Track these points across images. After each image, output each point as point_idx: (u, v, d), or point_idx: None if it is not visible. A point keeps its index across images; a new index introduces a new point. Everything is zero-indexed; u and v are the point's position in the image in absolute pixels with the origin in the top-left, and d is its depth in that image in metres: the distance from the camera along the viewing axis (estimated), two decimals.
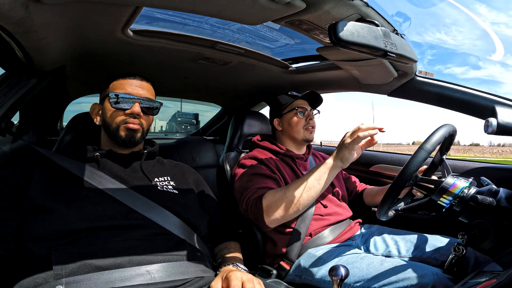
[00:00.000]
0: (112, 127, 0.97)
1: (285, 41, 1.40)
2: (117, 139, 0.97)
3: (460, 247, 0.95)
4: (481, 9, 77.74)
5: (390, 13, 1.08)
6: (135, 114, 0.97)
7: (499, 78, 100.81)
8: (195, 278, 0.82)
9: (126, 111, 0.97)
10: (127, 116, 0.97)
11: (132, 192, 0.90)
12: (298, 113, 1.37)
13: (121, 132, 0.97)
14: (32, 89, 1.03)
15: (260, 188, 1.14)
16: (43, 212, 0.78)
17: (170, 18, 1.12)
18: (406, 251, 1.17)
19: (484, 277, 0.72)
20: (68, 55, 1.06)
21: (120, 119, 0.97)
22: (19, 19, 0.67)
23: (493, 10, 78.06)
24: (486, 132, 0.96)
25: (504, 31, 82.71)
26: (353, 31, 0.74)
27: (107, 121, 0.98)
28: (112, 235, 0.80)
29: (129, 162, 0.99)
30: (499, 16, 79.19)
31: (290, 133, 1.39)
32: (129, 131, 0.97)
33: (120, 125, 0.97)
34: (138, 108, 0.97)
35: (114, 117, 0.97)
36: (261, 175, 1.20)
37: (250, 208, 1.11)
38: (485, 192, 0.90)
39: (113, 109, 0.97)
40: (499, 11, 78.80)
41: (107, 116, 0.98)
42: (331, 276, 0.73)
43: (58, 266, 0.72)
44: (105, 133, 1.01)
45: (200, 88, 1.78)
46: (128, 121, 0.97)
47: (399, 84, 1.37)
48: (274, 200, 1.05)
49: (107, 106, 0.98)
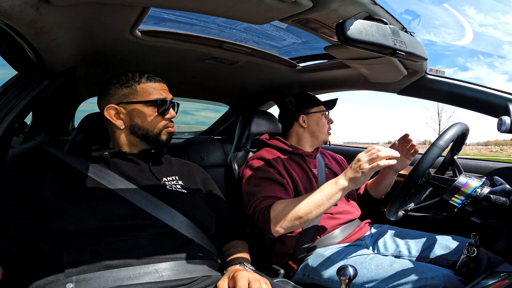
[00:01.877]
0: (153, 132, 1.00)
1: (292, 40, 1.39)
2: (158, 142, 1.01)
3: (472, 248, 0.93)
4: (469, 11, 74.89)
5: (399, 11, 1.06)
6: (172, 118, 1.03)
7: (485, 80, 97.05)
8: (202, 277, 0.82)
9: (166, 116, 1.01)
10: (167, 121, 1.02)
11: (142, 191, 0.91)
12: (325, 116, 1.41)
13: (163, 136, 1.01)
14: (44, 90, 1.05)
15: (267, 197, 1.12)
16: (55, 212, 0.80)
17: (177, 19, 1.13)
18: (416, 251, 1.15)
19: (496, 278, 0.71)
20: (79, 56, 1.08)
21: (162, 124, 1.01)
22: (30, 20, 0.69)
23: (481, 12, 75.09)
24: (499, 130, 0.94)
25: (492, 33, 79.25)
26: (361, 29, 0.73)
27: (144, 127, 0.99)
28: (121, 234, 0.81)
29: (138, 162, 1.00)
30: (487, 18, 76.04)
31: (316, 133, 1.38)
32: (169, 135, 1.03)
33: (163, 129, 1.01)
34: (174, 112, 1.04)
35: (156, 122, 1.00)
36: (269, 179, 1.18)
37: (257, 216, 1.10)
38: (498, 191, 0.88)
39: (154, 114, 0.99)
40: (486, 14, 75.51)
41: (147, 122, 0.99)
42: (339, 276, 0.72)
43: (69, 265, 0.74)
44: (132, 136, 1.00)
45: (208, 87, 1.79)
46: (169, 126, 1.02)
47: (409, 83, 1.35)
48: (282, 213, 1.03)
49: (147, 111, 0.98)
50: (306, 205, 1.00)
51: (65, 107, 1.62)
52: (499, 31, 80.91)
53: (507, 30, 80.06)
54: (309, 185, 1.27)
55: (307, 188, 1.25)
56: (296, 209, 1.01)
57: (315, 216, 1.00)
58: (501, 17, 78.06)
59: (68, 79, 1.15)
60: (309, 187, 1.27)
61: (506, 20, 78.76)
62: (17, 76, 1.03)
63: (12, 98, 0.97)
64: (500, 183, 0.94)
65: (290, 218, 1.01)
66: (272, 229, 1.05)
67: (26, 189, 0.83)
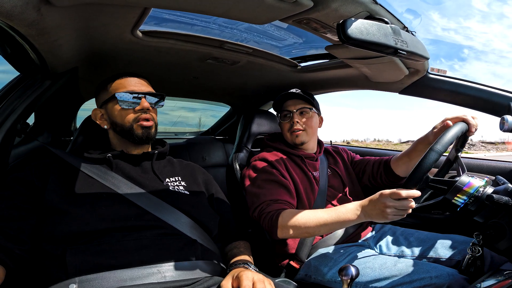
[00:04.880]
0: (126, 127, 0.98)
1: (293, 40, 1.39)
2: (133, 138, 0.98)
3: (476, 248, 0.92)
4: (434, 15, 75.44)
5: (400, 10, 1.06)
6: (145, 109, 0.98)
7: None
8: (205, 277, 0.82)
9: (136, 108, 0.98)
10: (138, 113, 0.98)
11: (145, 193, 0.92)
12: (284, 118, 1.33)
13: (136, 130, 0.98)
14: (46, 91, 1.06)
15: (274, 201, 1.12)
16: (58, 213, 0.80)
17: (178, 19, 1.13)
18: (419, 251, 1.14)
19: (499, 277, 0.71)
20: (80, 57, 1.08)
21: (132, 118, 0.98)
22: (31, 21, 0.69)
23: (444, 17, 75.44)
24: (502, 129, 0.94)
25: (453, 37, 79.62)
26: (362, 29, 0.73)
27: (118, 123, 0.99)
28: (125, 235, 0.81)
29: (140, 163, 1.01)
30: (450, 22, 76.49)
31: (285, 137, 1.36)
32: (144, 129, 0.98)
33: (134, 123, 0.98)
34: (146, 103, 0.99)
35: (124, 116, 0.98)
36: (273, 182, 1.18)
37: (263, 219, 1.09)
38: (501, 191, 0.87)
39: (122, 109, 0.98)
40: (449, 18, 75.76)
41: (117, 118, 0.99)
42: (341, 275, 0.72)
43: (72, 265, 0.74)
44: (116, 135, 1.02)
45: (209, 88, 1.79)
46: (140, 118, 0.98)
47: (410, 82, 1.35)
48: (291, 224, 1.01)
49: (115, 108, 0.99)
50: (316, 222, 0.98)
51: (67, 108, 1.63)
52: (460, 35, 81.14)
53: (468, 35, 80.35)
54: (309, 187, 1.26)
55: (307, 191, 1.25)
56: (306, 224, 0.99)
57: (322, 234, 0.99)
58: (463, 21, 78.18)
59: (69, 79, 1.15)
60: (310, 189, 1.26)
61: (467, 24, 78.92)
62: (19, 77, 1.04)
63: (14, 99, 0.98)
64: (502, 182, 0.94)
65: (298, 230, 1.00)
66: (278, 234, 1.05)
67: (30, 190, 0.84)
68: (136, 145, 1.01)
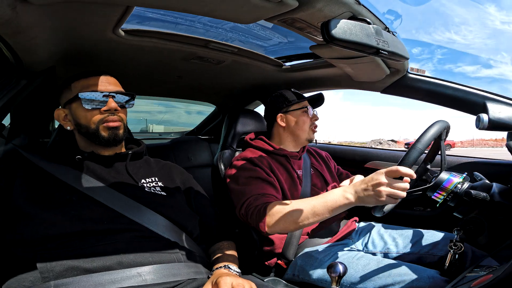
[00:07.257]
0: (91, 129, 0.93)
1: (278, 39, 1.39)
2: (99, 140, 0.93)
3: (457, 244, 0.96)
4: (490, 9, 78.19)
5: (382, 11, 1.08)
6: (113, 110, 0.94)
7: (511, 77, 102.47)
8: (188, 280, 0.81)
9: (102, 109, 0.93)
10: (104, 114, 0.93)
11: (118, 194, 0.89)
12: (307, 113, 1.34)
13: (102, 132, 0.93)
14: (22, 91, 1.02)
15: (261, 195, 1.10)
16: (24, 217, 0.78)
17: (162, 18, 1.11)
18: (403, 247, 1.17)
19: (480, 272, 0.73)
20: (58, 56, 1.04)
21: (98, 119, 0.92)
22: (6, 19, 0.66)
23: (503, 10, 78.34)
24: (477, 127, 0.97)
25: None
26: (346, 29, 0.74)
27: (83, 124, 0.93)
28: (99, 239, 0.79)
29: (113, 164, 0.97)
30: (509, 16, 79.62)
31: (295, 131, 1.33)
32: (111, 130, 0.93)
33: (99, 125, 0.93)
34: (114, 103, 0.93)
35: (90, 118, 0.92)
36: (258, 178, 1.16)
37: (250, 214, 1.06)
38: (478, 187, 0.91)
39: (87, 110, 0.92)
40: (508, 11, 79.03)
41: (82, 119, 0.93)
42: (329, 273, 0.74)
43: (45, 269, 0.72)
44: (82, 137, 0.96)
45: (194, 87, 1.77)
46: (107, 119, 0.93)
47: (391, 81, 1.38)
48: (279, 215, 0.99)
49: (79, 109, 0.93)
50: (305, 211, 0.95)
51: (45, 108, 1.57)
52: None
53: None
54: (293, 186, 1.26)
55: (291, 190, 1.24)
56: (293, 213, 0.96)
57: (312, 223, 0.96)
58: None
59: (47, 79, 1.11)
60: (294, 188, 1.25)
61: None
62: None
63: None
64: (480, 178, 0.98)
65: (286, 221, 0.97)
66: (266, 229, 1.01)
67: None
68: (104, 147, 0.96)
